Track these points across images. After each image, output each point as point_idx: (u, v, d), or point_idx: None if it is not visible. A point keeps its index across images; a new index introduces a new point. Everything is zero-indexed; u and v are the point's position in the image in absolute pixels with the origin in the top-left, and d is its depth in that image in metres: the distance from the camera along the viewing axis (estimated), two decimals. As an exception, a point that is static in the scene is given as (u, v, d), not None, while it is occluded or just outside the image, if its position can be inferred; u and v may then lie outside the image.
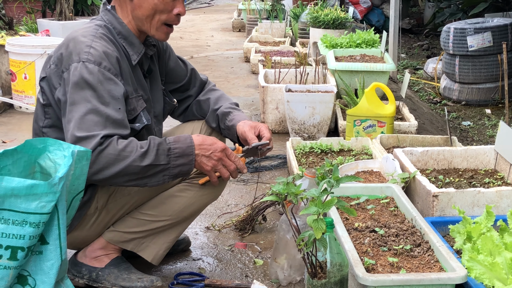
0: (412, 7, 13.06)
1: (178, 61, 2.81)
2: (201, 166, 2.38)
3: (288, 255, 2.54)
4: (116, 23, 2.45)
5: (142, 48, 2.50)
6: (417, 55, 10.02)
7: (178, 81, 2.80)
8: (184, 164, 2.33)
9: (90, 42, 2.32)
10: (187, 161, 2.33)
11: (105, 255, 2.54)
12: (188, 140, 2.35)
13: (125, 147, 2.22)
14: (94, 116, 2.23)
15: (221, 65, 8.16)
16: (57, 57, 2.36)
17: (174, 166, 2.31)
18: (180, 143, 2.33)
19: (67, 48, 2.33)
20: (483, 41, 6.68)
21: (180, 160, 2.32)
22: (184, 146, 2.33)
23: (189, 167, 2.35)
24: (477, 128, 6.33)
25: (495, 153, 3.24)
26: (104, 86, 2.27)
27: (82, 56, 2.28)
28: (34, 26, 7.48)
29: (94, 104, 2.24)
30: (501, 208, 2.73)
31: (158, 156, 2.27)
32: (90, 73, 2.26)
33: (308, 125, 4.50)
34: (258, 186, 3.73)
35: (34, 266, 1.93)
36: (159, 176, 2.30)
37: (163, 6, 2.41)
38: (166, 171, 2.30)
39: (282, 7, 9.99)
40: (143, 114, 2.46)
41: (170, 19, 2.45)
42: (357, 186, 2.90)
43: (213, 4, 17.38)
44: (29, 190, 1.79)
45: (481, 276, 2.10)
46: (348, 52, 5.69)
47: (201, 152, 2.36)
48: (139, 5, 2.41)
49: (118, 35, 2.45)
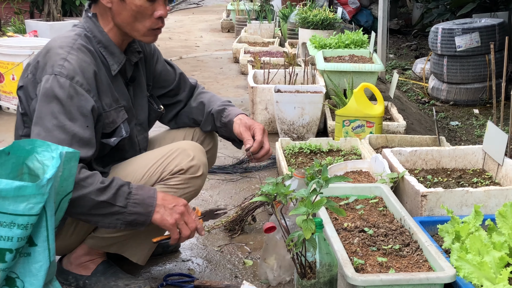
0: (400, 7, 13.11)
1: (166, 65, 2.77)
2: (163, 219, 2.27)
3: (277, 255, 2.54)
4: (97, 32, 2.40)
5: (123, 58, 2.44)
6: (405, 56, 10.05)
7: (166, 86, 2.75)
8: (141, 214, 2.24)
9: (65, 55, 2.26)
10: (145, 211, 2.24)
11: (90, 261, 2.52)
12: (151, 191, 2.28)
13: (86, 178, 2.16)
14: (61, 133, 2.18)
15: (210, 65, 8.15)
16: (34, 66, 2.32)
17: (130, 212, 2.23)
18: (142, 191, 2.26)
19: (44, 58, 2.29)
20: (471, 42, 6.71)
21: (138, 208, 2.23)
22: (146, 196, 2.25)
23: (145, 218, 2.25)
24: (465, 128, 6.36)
25: (483, 153, 3.26)
26: (74, 102, 2.22)
27: (55, 69, 2.23)
28: (22, 27, 7.45)
29: (61, 120, 2.19)
30: (489, 208, 2.74)
31: (117, 196, 2.20)
32: (61, 87, 2.21)
33: (297, 125, 4.50)
34: (248, 187, 3.73)
35: (22, 268, 1.91)
36: (112, 218, 2.23)
37: (142, 11, 2.35)
38: (120, 215, 2.23)
39: (271, 7, 10.00)
40: (123, 126, 2.42)
41: (153, 24, 2.39)
42: (346, 186, 2.90)
43: (202, 5, 17.37)
44: (17, 192, 1.78)
45: (470, 276, 2.11)
46: (337, 52, 5.70)
47: (164, 203, 2.27)
48: (118, 13, 2.36)
49: (98, 44, 2.39)
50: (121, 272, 2.55)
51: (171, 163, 2.41)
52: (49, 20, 7.16)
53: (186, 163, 2.41)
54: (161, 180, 2.42)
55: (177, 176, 2.41)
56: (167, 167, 2.41)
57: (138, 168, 2.43)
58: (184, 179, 2.42)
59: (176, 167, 2.41)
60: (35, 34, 6.34)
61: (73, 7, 7.79)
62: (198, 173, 2.44)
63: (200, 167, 2.44)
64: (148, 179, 2.41)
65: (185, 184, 2.42)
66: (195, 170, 2.43)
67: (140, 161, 2.46)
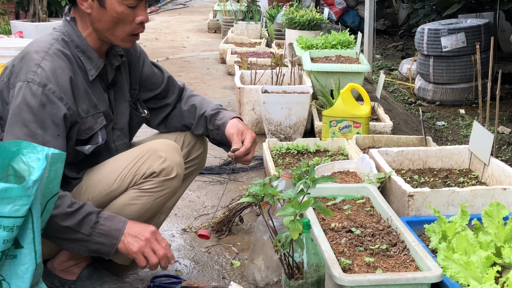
0: (386, 8, 13.17)
1: (154, 68, 2.72)
2: (127, 248, 2.25)
3: (265, 256, 2.54)
4: (75, 36, 2.36)
5: (101, 63, 2.40)
6: (392, 56, 10.09)
7: (154, 89, 2.71)
8: (105, 244, 2.24)
9: (39, 61, 2.23)
10: (109, 243, 2.24)
11: (74, 265, 2.49)
12: (120, 223, 2.26)
13: (57, 200, 2.12)
14: (31, 142, 2.14)
15: (197, 66, 8.14)
16: (10, 70, 2.29)
17: (94, 242, 2.22)
18: (111, 223, 2.25)
19: (20, 63, 2.26)
20: (456, 42, 6.75)
21: (102, 239, 2.23)
22: (113, 228, 2.24)
23: (109, 249, 2.25)
24: (451, 128, 6.40)
25: (469, 152, 3.27)
26: (46, 110, 2.19)
27: (28, 76, 2.20)
28: (7, 27, 7.41)
29: (32, 129, 2.17)
30: (476, 207, 2.75)
31: (82, 224, 2.20)
32: (33, 94, 2.18)
33: (284, 126, 4.50)
34: (235, 188, 3.73)
35: (8, 271, 1.90)
36: (76, 244, 2.23)
37: (124, 18, 2.31)
38: (84, 242, 2.22)
39: (258, 8, 10.01)
40: (100, 133, 2.39)
41: (134, 30, 2.36)
42: (333, 187, 2.91)
43: (188, 6, 17.34)
44: (3, 194, 1.77)
45: (456, 275, 2.12)
46: (324, 53, 5.71)
47: (129, 231, 2.26)
48: (98, 19, 2.32)
49: (76, 49, 2.35)
50: (106, 276, 2.52)
51: (142, 166, 2.36)
52: (34, 20, 7.13)
53: (158, 165, 2.36)
54: (135, 184, 2.38)
55: (150, 180, 2.37)
56: (138, 170, 2.36)
57: (109, 173, 2.39)
58: (158, 182, 2.37)
59: (148, 169, 2.36)
60: (20, 35, 6.31)
61: (58, 8, 7.76)
62: (172, 175, 2.39)
63: (173, 168, 2.38)
64: (120, 183, 2.38)
65: (160, 187, 2.38)
66: (168, 172, 2.38)
67: (112, 165, 2.42)
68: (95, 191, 2.39)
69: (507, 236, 2.30)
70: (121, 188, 2.38)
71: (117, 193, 2.40)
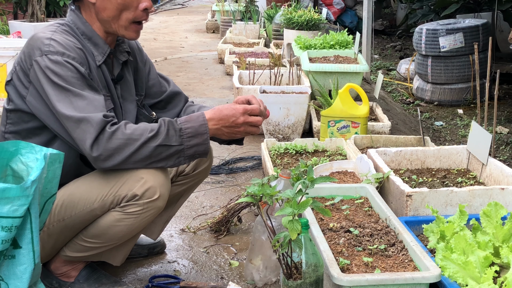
0: (385, 8, 13.17)
1: (159, 78, 2.70)
2: (231, 136, 2.34)
3: (263, 256, 2.54)
4: (80, 23, 2.36)
5: (107, 49, 2.38)
6: (390, 56, 10.09)
7: (156, 97, 2.68)
8: (199, 144, 2.24)
9: (50, 35, 2.24)
10: (202, 140, 2.24)
11: (71, 269, 2.46)
12: (200, 118, 2.26)
13: (134, 130, 2.16)
14: (81, 101, 2.16)
15: (195, 66, 8.14)
16: (19, 59, 2.28)
17: (188, 147, 2.22)
18: (192, 122, 2.24)
19: (28, 47, 2.26)
20: (455, 42, 6.76)
21: (194, 140, 2.23)
22: (197, 125, 2.24)
23: (204, 147, 2.25)
24: (449, 128, 6.40)
25: (467, 152, 3.28)
26: (73, 75, 2.20)
27: (43, 49, 2.20)
28: (5, 28, 7.40)
29: (74, 91, 2.17)
30: (474, 207, 2.75)
31: (169, 137, 2.19)
32: (55, 63, 2.18)
33: (282, 126, 4.50)
34: (233, 188, 3.73)
35: (6, 271, 1.90)
36: (174, 158, 2.23)
37: (128, 4, 2.31)
38: (181, 153, 2.22)
39: (256, 8, 10.01)
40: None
41: (138, 16, 2.35)
42: (331, 187, 2.91)
43: (187, 6, 17.35)
44: (1, 194, 1.77)
45: (455, 275, 2.12)
46: (322, 53, 5.71)
47: (220, 124, 2.28)
48: (103, 8, 2.32)
49: (82, 35, 2.35)
50: (104, 277, 2.51)
51: (122, 188, 2.24)
52: (33, 21, 7.12)
53: (139, 187, 2.23)
54: (117, 205, 2.27)
55: (133, 203, 2.25)
56: (119, 191, 2.25)
57: (89, 191, 2.29)
58: (142, 205, 2.25)
59: (130, 192, 2.24)
60: (18, 35, 6.30)
61: (57, 8, 7.76)
62: (155, 196, 2.25)
63: (156, 189, 2.25)
64: (101, 203, 2.27)
65: (144, 209, 2.26)
66: (152, 194, 2.24)
67: (90, 182, 2.31)
68: (76, 208, 2.29)
69: (505, 236, 2.31)
70: (102, 208, 2.28)
71: (99, 212, 2.29)
